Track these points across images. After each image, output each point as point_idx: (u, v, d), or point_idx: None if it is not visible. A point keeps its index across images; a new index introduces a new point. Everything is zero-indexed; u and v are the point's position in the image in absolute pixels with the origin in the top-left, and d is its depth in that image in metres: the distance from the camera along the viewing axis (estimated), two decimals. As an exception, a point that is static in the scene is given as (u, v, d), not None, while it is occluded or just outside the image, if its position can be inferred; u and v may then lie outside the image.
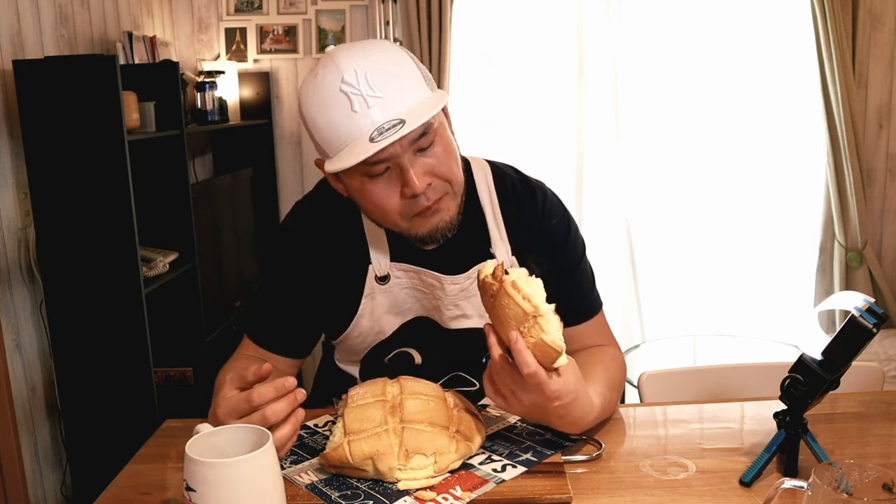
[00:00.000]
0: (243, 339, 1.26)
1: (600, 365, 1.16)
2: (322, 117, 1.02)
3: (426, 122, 1.02)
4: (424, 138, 1.04)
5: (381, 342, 1.23)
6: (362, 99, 1.00)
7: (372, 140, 0.98)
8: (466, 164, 1.22)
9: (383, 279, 1.18)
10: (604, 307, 1.30)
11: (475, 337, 1.18)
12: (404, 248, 1.18)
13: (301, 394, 0.93)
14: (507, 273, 0.95)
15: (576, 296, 1.24)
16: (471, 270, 1.18)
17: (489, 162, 1.26)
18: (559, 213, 1.24)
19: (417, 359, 1.25)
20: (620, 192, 3.30)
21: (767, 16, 3.18)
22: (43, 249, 2.12)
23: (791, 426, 0.98)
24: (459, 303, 1.19)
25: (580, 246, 1.26)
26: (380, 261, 1.18)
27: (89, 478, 2.24)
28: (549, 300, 1.04)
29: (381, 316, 1.21)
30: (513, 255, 1.21)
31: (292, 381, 0.92)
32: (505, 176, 1.25)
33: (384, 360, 1.25)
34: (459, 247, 1.18)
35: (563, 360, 0.94)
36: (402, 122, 0.99)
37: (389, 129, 0.99)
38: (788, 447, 0.98)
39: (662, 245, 3.37)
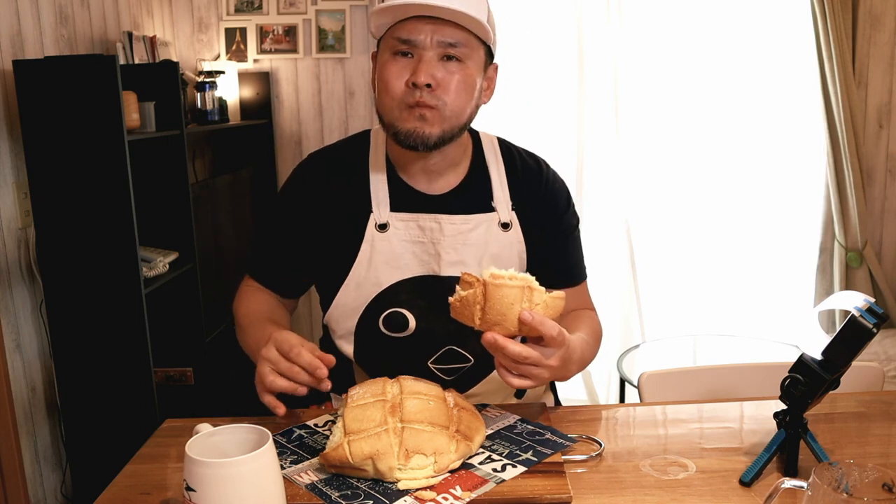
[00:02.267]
0: (245, 277, 1.37)
1: (577, 321, 1.27)
2: None
3: (459, 38, 1.14)
4: (453, 49, 1.15)
5: (377, 297, 1.26)
6: None
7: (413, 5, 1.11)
8: (475, 133, 1.34)
9: (383, 227, 1.25)
10: (604, 307, 1.36)
11: None
12: (405, 197, 1.27)
13: (326, 385, 1.04)
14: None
15: (566, 261, 1.35)
16: (470, 216, 1.26)
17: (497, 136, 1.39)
18: (560, 182, 1.36)
19: (412, 323, 1.26)
20: (620, 192, 3.30)
21: (767, 16, 3.18)
22: (43, 249, 2.12)
23: (791, 426, 0.98)
24: (458, 247, 1.26)
25: (576, 218, 1.37)
26: (381, 210, 1.26)
27: (89, 478, 2.24)
28: (542, 262, 1.23)
29: (379, 266, 1.25)
30: (513, 209, 1.29)
31: (324, 371, 1.03)
32: (510, 145, 1.37)
33: (379, 320, 1.26)
34: (461, 197, 1.28)
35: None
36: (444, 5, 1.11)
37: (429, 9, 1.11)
38: (788, 447, 0.98)
39: (662, 245, 3.37)
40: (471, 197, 1.29)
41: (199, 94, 2.91)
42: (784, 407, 0.99)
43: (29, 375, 2.19)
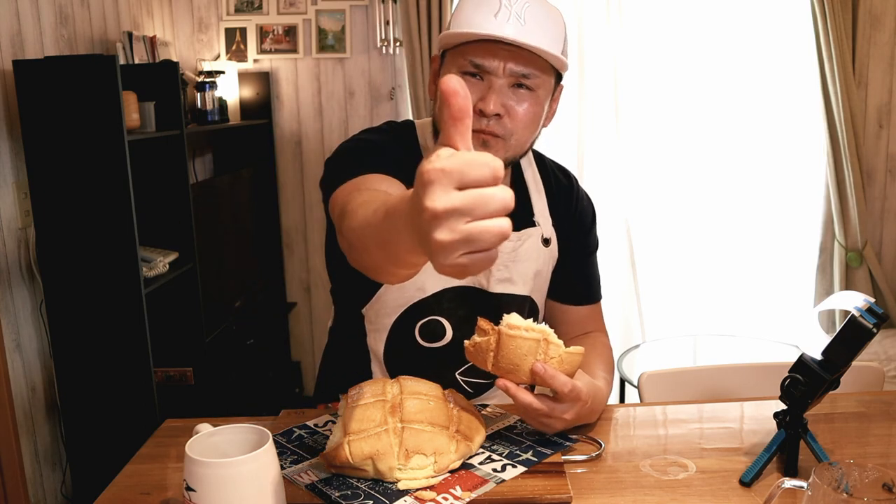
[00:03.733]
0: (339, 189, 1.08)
1: (594, 352, 1.24)
2: (470, 5, 1.13)
3: (533, 69, 1.11)
4: (525, 79, 1.12)
5: (418, 302, 1.23)
6: (509, 13, 1.09)
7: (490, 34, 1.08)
8: None
9: None
10: (604, 308, 1.40)
11: (511, 305, 1.25)
12: None
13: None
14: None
15: (585, 279, 1.34)
16: (518, 231, 1.24)
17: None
18: (588, 199, 1.37)
19: (448, 332, 1.24)
20: (620, 191, 3.30)
21: (767, 16, 3.17)
22: (43, 249, 2.12)
23: (791, 426, 0.98)
24: (508, 264, 1.24)
25: (597, 238, 1.38)
26: None
27: (89, 478, 2.24)
28: (563, 277, 1.23)
29: (427, 270, 1.16)
30: (552, 226, 1.29)
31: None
32: (543, 157, 1.37)
33: (415, 328, 1.24)
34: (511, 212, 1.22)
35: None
36: (521, 42, 1.08)
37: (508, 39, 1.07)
38: (788, 447, 0.98)
39: (662, 245, 3.37)
40: (516, 212, 1.24)
41: (199, 94, 2.91)
42: (784, 407, 0.99)
43: (29, 375, 2.19)
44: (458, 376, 1.27)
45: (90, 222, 2.10)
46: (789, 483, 0.81)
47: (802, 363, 0.97)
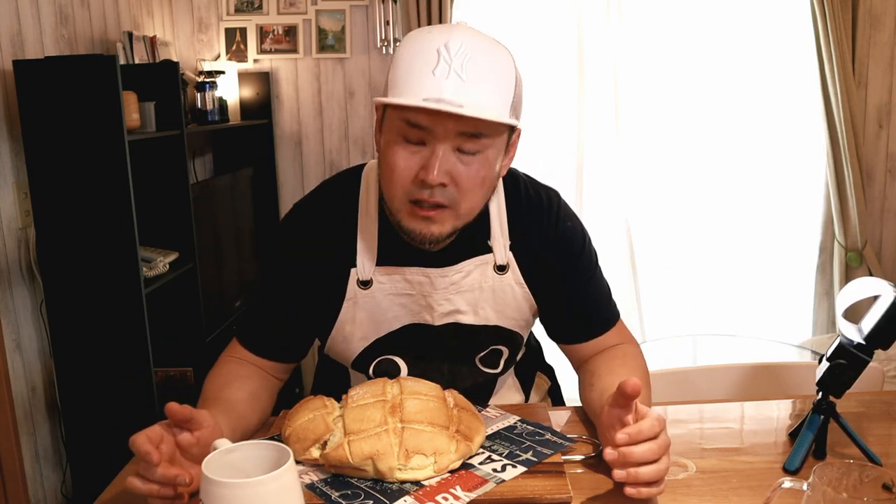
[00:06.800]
0: (232, 340, 1.23)
1: (623, 367, 1.15)
2: (406, 58, 1.01)
3: (481, 129, 1.00)
4: (472, 142, 1.01)
5: (366, 349, 1.20)
6: (448, 69, 0.98)
7: (425, 100, 0.97)
8: None
9: (365, 284, 1.15)
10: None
11: (466, 335, 1.19)
12: (394, 249, 1.14)
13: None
14: None
15: (593, 307, 1.23)
16: (462, 263, 1.15)
17: None
18: (573, 218, 1.22)
19: (403, 370, 1.21)
20: (620, 192, 3.30)
21: (767, 16, 3.18)
22: (43, 249, 2.12)
23: (827, 410, 1.01)
24: (451, 297, 1.16)
25: (595, 255, 1.25)
26: (365, 265, 1.15)
27: (89, 478, 2.24)
28: (566, 313, 1.15)
29: (364, 322, 1.17)
30: (510, 250, 1.17)
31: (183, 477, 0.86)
32: (517, 174, 1.23)
33: (369, 371, 1.22)
34: (456, 246, 1.15)
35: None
36: (461, 107, 0.97)
37: (447, 104, 0.97)
38: (818, 431, 1.01)
39: (662, 245, 3.37)
40: (465, 241, 1.15)
41: (199, 94, 2.91)
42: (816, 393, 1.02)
43: (29, 375, 2.19)
44: None
45: (90, 222, 2.10)
46: (789, 483, 0.81)
47: (844, 349, 1.00)
